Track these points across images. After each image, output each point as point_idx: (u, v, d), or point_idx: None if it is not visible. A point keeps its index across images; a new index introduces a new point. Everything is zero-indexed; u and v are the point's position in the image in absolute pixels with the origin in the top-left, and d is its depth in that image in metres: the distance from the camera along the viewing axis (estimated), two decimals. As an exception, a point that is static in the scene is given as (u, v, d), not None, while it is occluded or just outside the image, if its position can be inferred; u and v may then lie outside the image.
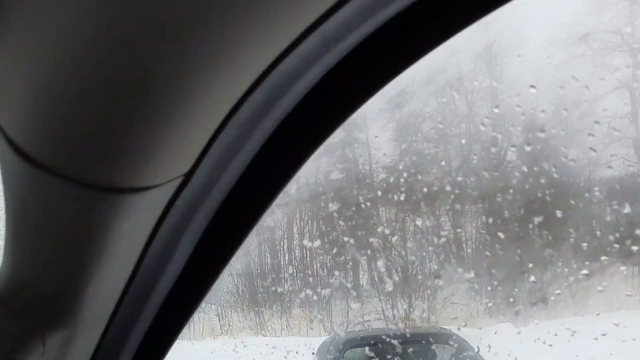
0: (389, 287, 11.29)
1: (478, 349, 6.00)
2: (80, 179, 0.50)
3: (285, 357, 8.03)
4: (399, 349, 5.81)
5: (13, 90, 0.45)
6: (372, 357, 5.97)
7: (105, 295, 0.75)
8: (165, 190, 0.55)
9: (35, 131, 0.47)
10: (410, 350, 5.94)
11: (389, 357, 5.84)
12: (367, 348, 6.03)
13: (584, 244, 6.98)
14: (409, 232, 11.89)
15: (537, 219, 7.50)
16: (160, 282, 0.82)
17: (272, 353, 9.13)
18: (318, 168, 11.39)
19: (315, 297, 12.06)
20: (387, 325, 10.66)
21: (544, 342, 6.26)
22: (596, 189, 8.59)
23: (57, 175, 0.49)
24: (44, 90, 0.43)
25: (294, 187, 10.00)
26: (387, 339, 5.95)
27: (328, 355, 6.07)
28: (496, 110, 11.00)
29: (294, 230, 14.17)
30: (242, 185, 0.66)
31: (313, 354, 6.99)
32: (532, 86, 8.78)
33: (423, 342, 5.96)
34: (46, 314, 0.72)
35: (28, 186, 0.54)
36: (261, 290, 13.37)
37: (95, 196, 0.52)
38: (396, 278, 11.46)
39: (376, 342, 6.06)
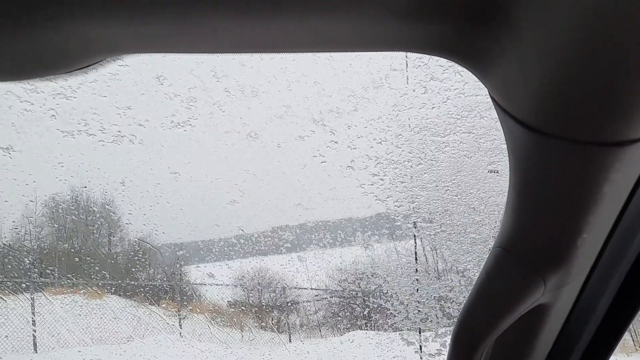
0: None
1: None
2: (576, 138, 0.55)
3: None
4: None
5: (519, 82, 0.55)
6: None
7: (591, 245, 0.80)
8: None
9: (538, 107, 0.55)
10: None
11: None
12: None
13: None
14: None
15: None
16: (637, 236, 0.86)
17: None
18: None
19: None
20: None
21: None
22: None
23: (556, 137, 0.56)
24: (547, 73, 0.51)
25: None
26: None
27: None
28: None
29: None
30: None
31: None
32: None
33: None
34: (545, 258, 0.78)
35: (530, 151, 0.62)
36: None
37: (590, 150, 0.57)
38: None
39: None
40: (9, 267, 5.87)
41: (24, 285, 5.91)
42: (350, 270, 6.47)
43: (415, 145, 3.97)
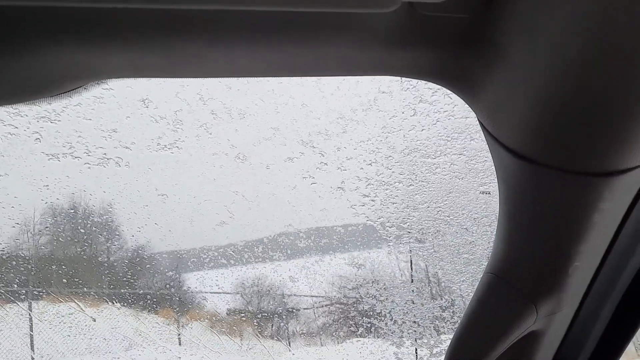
0: None
1: None
2: (565, 167, 0.55)
3: None
4: None
5: (508, 110, 0.55)
6: None
7: (583, 273, 0.79)
8: None
9: (526, 135, 0.55)
10: None
11: None
12: None
13: None
14: None
15: None
16: (629, 264, 0.85)
17: None
18: None
19: None
20: None
21: None
22: None
23: (545, 166, 0.56)
24: (535, 102, 0.51)
25: None
26: None
27: None
28: None
29: None
30: None
31: None
32: None
33: None
34: (537, 285, 0.77)
35: (520, 179, 0.62)
36: None
37: (579, 180, 0.56)
38: None
39: None
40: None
41: (19, 297, 5.91)
42: (344, 290, 6.45)
43: (406, 166, 3.95)
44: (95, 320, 5.96)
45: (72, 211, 5.09)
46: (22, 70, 0.53)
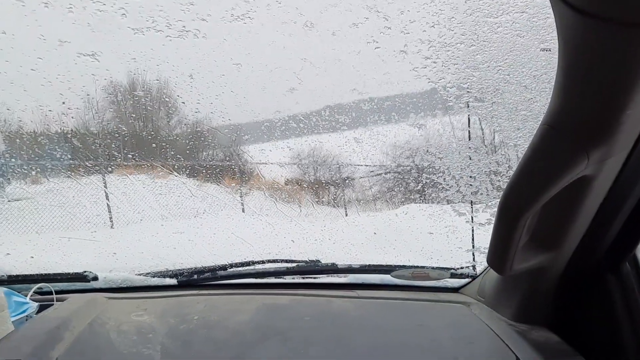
0: None
1: None
2: (622, 19, 0.56)
3: None
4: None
5: None
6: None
7: (634, 120, 0.80)
8: None
9: None
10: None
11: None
12: None
13: None
14: None
15: None
16: None
17: None
18: None
19: None
20: None
21: None
22: None
23: (602, 20, 0.58)
24: None
25: None
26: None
27: None
28: None
29: None
30: None
31: None
32: None
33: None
34: (590, 133, 0.80)
35: (578, 32, 0.64)
36: None
37: (634, 33, 0.58)
38: None
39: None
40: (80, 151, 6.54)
41: (94, 167, 6.58)
42: (404, 148, 6.88)
43: (468, 27, 4.09)
44: (193, 195, 6.67)
45: (156, 81, 5.65)
46: None
